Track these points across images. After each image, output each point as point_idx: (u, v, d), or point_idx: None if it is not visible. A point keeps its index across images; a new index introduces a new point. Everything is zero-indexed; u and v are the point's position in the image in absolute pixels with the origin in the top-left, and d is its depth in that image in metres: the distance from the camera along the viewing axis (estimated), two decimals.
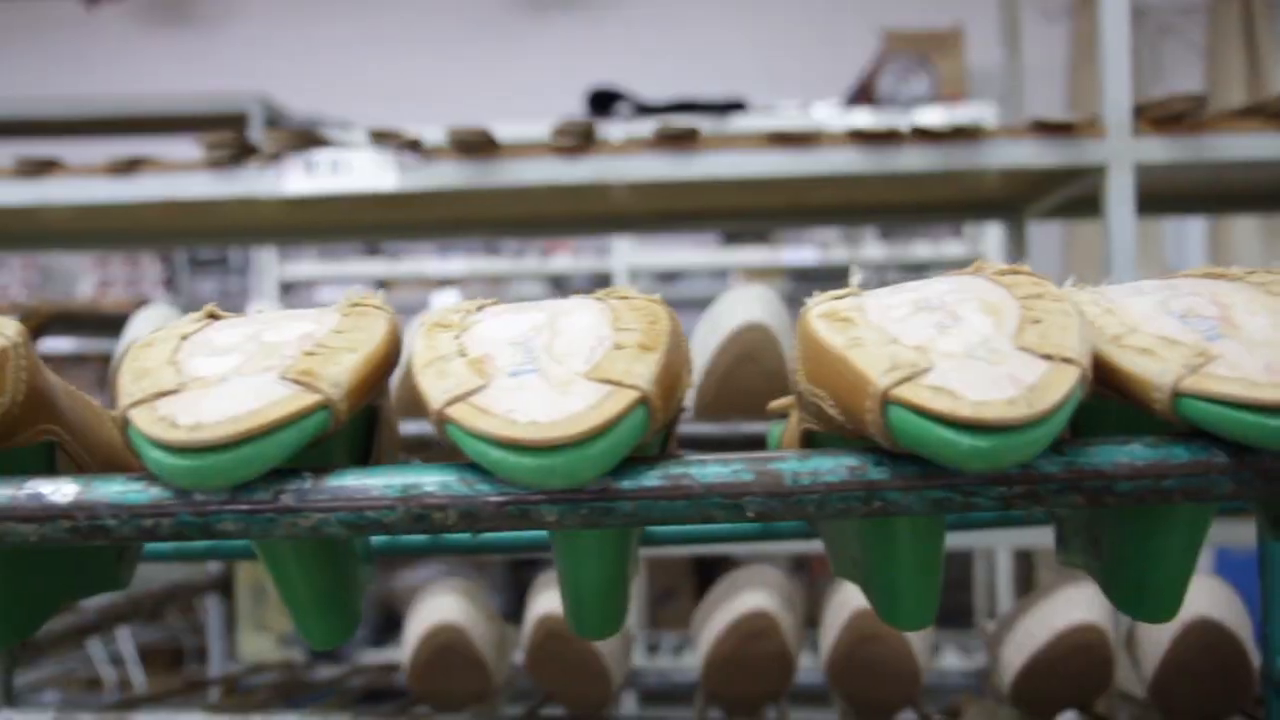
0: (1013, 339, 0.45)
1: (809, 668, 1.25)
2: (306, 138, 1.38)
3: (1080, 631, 0.93)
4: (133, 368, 0.46)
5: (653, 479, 0.45)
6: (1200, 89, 3.30)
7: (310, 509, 0.44)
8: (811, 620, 1.14)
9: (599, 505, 0.45)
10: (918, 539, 0.52)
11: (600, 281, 3.49)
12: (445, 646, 1.01)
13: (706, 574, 3.04)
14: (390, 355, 0.49)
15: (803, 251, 3.16)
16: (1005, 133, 1.31)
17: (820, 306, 0.49)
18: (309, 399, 0.44)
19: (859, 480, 0.45)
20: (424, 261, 3.33)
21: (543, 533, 0.48)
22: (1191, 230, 3.48)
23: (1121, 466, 0.45)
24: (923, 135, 1.31)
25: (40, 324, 1.95)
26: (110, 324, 1.73)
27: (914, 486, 0.45)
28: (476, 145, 1.35)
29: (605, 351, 0.46)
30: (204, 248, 3.25)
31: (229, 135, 1.38)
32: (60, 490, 0.45)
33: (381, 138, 1.38)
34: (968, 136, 1.31)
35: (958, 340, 0.45)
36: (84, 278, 3.76)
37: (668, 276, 3.51)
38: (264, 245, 3.07)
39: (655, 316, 0.48)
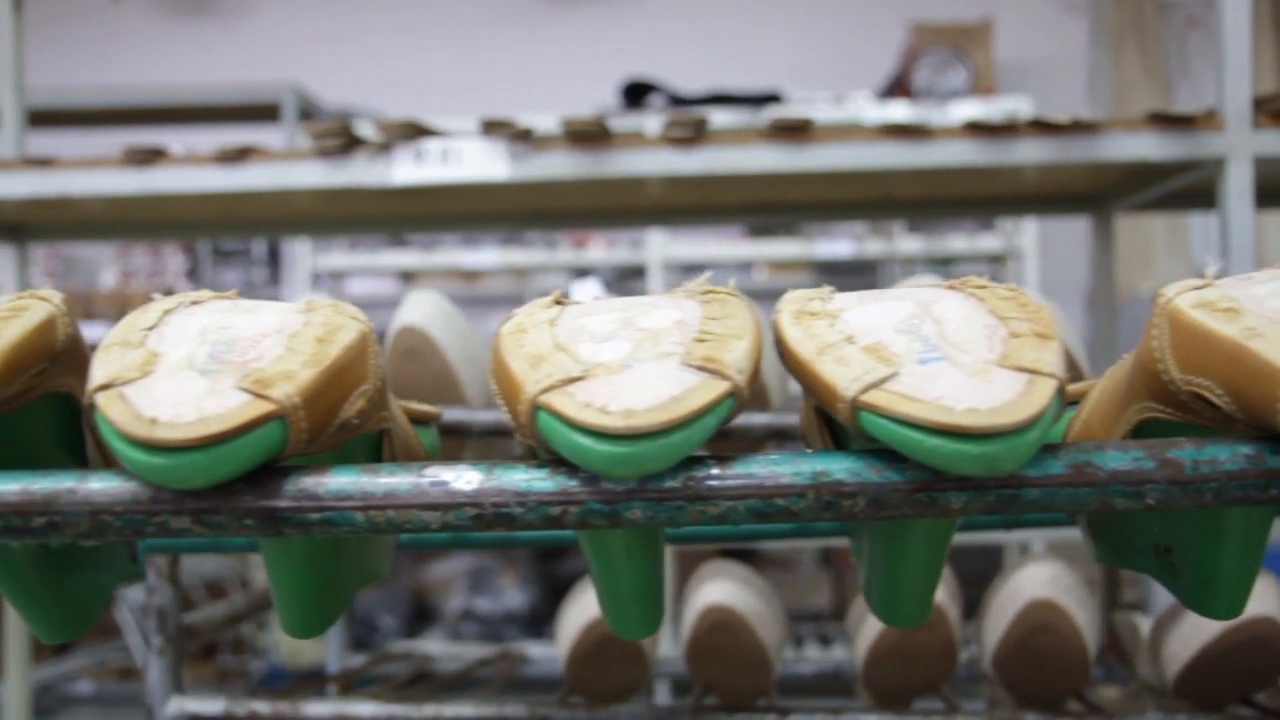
0: None
1: None
2: (415, 128, 1.37)
3: (1255, 624, 0.93)
4: (522, 354, 0.46)
5: (1058, 467, 0.45)
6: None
7: (721, 496, 0.44)
8: (838, 614, 1.14)
9: (1005, 493, 0.44)
10: (1250, 525, 0.52)
11: (633, 274, 3.49)
12: (609, 638, 1.00)
13: None
14: (763, 340, 0.49)
15: (836, 244, 3.13)
16: (1123, 125, 1.31)
17: (1187, 296, 0.49)
18: (721, 385, 0.44)
19: (1257, 469, 0.45)
20: (454, 253, 3.31)
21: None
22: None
23: None
24: (1040, 127, 1.32)
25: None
26: None
27: None
28: (589, 135, 1.34)
29: (1004, 339, 0.45)
30: (307, 238, 3.20)
31: (336, 124, 1.37)
32: (463, 478, 0.44)
33: (492, 127, 1.37)
34: (1085, 130, 1.31)
35: None
36: (106, 268, 3.73)
37: (697, 268, 3.50)
38: (365, 235, 3.05)
39: (1035, 305, 0.48)
